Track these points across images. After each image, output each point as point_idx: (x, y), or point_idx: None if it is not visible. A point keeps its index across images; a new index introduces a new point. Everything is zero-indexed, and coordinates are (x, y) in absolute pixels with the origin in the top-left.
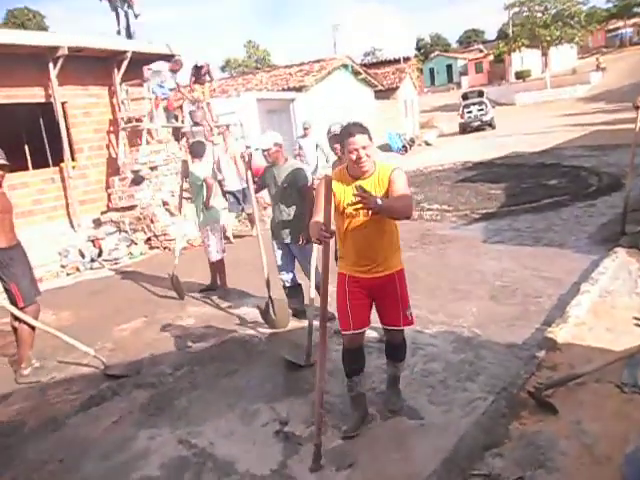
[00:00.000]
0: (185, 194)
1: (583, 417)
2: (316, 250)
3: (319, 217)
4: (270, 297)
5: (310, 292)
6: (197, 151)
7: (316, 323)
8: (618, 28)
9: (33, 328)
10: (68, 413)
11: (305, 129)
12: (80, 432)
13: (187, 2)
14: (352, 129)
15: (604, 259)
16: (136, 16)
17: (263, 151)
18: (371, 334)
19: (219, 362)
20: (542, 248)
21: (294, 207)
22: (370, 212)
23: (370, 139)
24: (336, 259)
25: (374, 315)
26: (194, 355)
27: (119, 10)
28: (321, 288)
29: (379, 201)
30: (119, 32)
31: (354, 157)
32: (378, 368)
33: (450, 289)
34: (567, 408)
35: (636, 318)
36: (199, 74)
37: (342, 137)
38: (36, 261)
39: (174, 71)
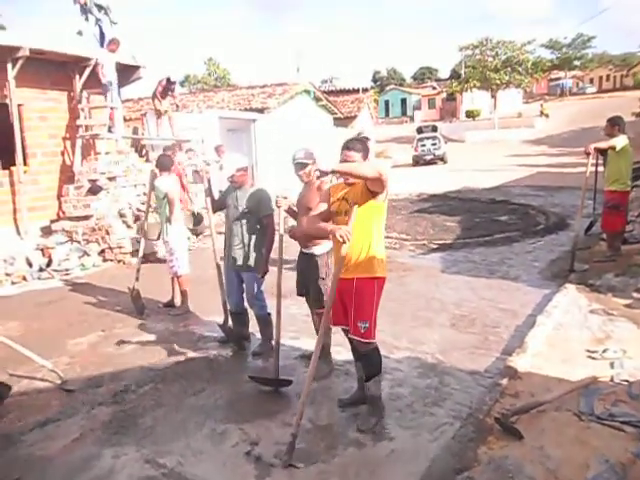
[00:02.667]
0: (144, 207)
1: (546, 443)
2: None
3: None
4: (224, 322)
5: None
6: (163, 164)
7: (291, 342)
8: (559, 78)
9: None
10: (22, 429)
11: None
12: (37, 450)
13: (149, 14)
14: (349, 144)
15: (556, 294)
16: (113, 24)
17: (228, 177)
18: (338, 357)
19: (184, 380)
20: (497, 280)
21: (251, 234)
22: (346, 214)
23: (364, 157)
24: None
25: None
26: (157, 372)
27: (89, 15)
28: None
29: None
30: (80, 33)
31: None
32: (345, 391)
33: (412, 316)
34: (530, 434)
35: (588, 351)
36: (168, 88)
37: (342, 147)
38: None
39: (112, 51)
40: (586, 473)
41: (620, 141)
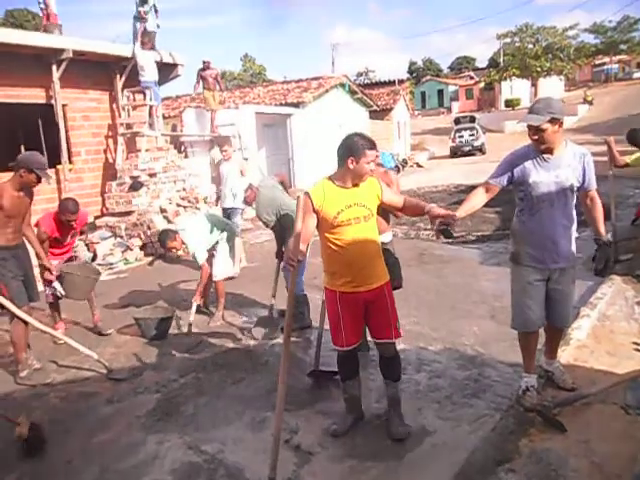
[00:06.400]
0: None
1: (591, 436)
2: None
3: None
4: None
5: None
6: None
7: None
8: (604, 64)
9: (25, 330)
10: (71, 418)
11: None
12: (86, 435)
13: (184, 12)
14: (373, 142)
15: (601, 285)
16: (158, 26)
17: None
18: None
19: (225, 370)
20: None
21: (277, 234)
22: (366, 220)
23: None
24: None
25: None
26: (199, 362)
27: (142, 15)
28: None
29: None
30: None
31: (370, 167)
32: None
33: (450, 308)
34: (574, 427)
35: (635, 343)
36: (204, 71)
37: (362, 147)
38: None
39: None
40: (634, 468)
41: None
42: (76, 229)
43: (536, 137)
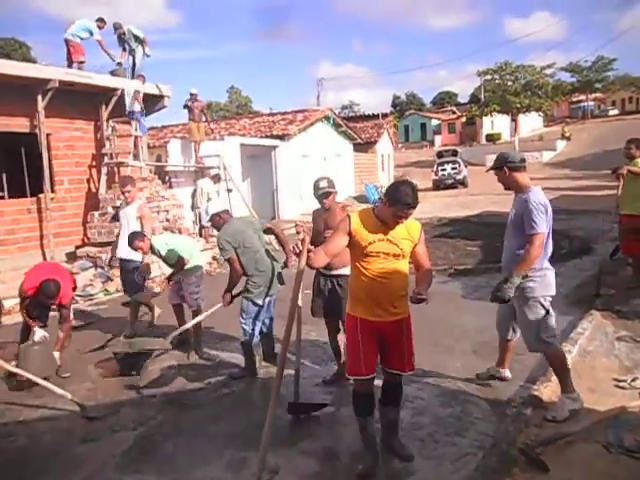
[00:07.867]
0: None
1: (573, 476)
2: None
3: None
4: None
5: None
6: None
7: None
8: (581, 101)
9: None
10: (44, 457)
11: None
12: (58, 475)
13: (171, 44)
14: (416, 202)
15: (581, 320)
16: (148, 55)
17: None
18: None
19: (204, 407)
20: None
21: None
22: (396, 258)
23: None
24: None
25: None
26: (177, 398)
27: (127, 46)
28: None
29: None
30: (120, 64)
31: (399, 220)
32: None
33: (433, 343)
34: (557, 466)
35: (616, 379)
36: (191, 102)
37: (398, 200)
38: (5, 292)
39: (100, 28)
40: None
41: None
42: (56, 304)
43: (497, 179)
